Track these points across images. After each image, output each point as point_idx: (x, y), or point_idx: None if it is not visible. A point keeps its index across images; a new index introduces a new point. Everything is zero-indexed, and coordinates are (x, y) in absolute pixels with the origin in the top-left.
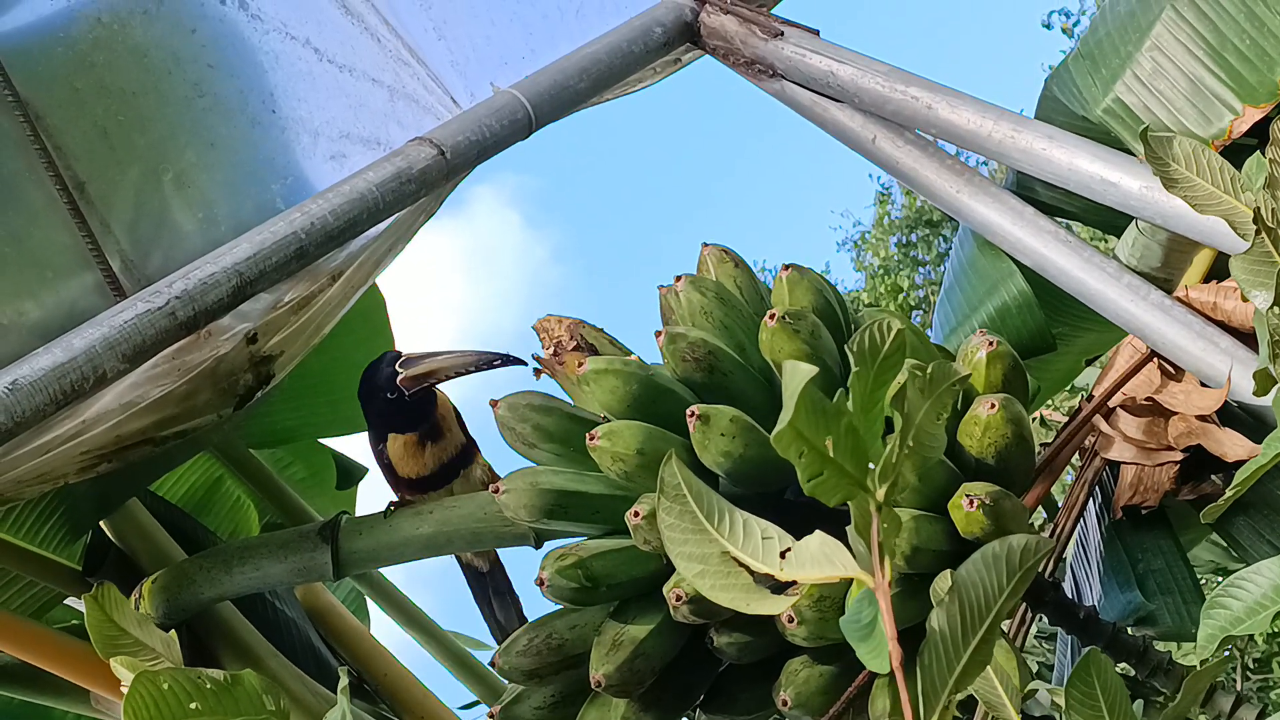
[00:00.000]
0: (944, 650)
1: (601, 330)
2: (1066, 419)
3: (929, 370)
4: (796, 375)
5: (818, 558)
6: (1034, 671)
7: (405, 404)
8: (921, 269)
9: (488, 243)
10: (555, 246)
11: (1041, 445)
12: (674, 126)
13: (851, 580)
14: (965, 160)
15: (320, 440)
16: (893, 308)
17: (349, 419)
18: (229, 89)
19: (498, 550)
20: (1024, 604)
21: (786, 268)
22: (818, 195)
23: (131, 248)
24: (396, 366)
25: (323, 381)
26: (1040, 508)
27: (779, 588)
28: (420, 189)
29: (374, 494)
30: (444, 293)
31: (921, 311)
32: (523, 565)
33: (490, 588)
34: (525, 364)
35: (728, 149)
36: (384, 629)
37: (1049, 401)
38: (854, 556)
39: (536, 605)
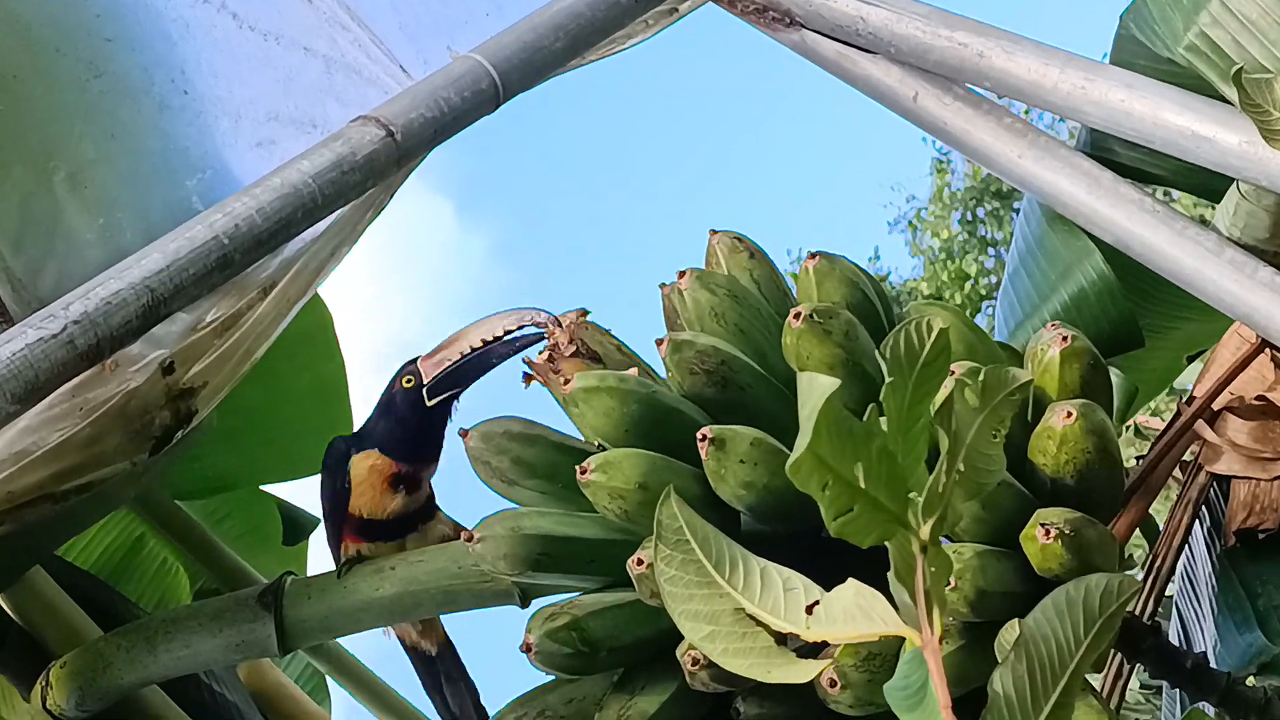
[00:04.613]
0: (1010, 719)
1: (608, 332)
2: (1164, 427)
3: (981, 376)
4: (815, 390)
5: (852, 612)
6: None
7: (422, 409)
8: (991, 250)
9: (411, 238)
10: (497, 242)
11: (1135, 459)
12: (665, 88)
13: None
14: (1028, 118)
15: (261, 488)
16: (958, 299)
17: (295, 460)
18: (130, 66)
19: (445, 628)
20: (1118, 653)
21: (813, 256)
22: (860, 166)
23: (18, 264)
24: (419, 364)
25: (259, 416)
26: (1139, 532)
27: (811, 649)
28: (366, 179)
29: (328, 549)
30: (355, 302)
31: (994, 303)
32: (506, 628)
33: (441, 673)
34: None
35: (739, 113)
36: (347, 712)
37: (1145, 406)
38: (898, 608)
39: (525, 677)
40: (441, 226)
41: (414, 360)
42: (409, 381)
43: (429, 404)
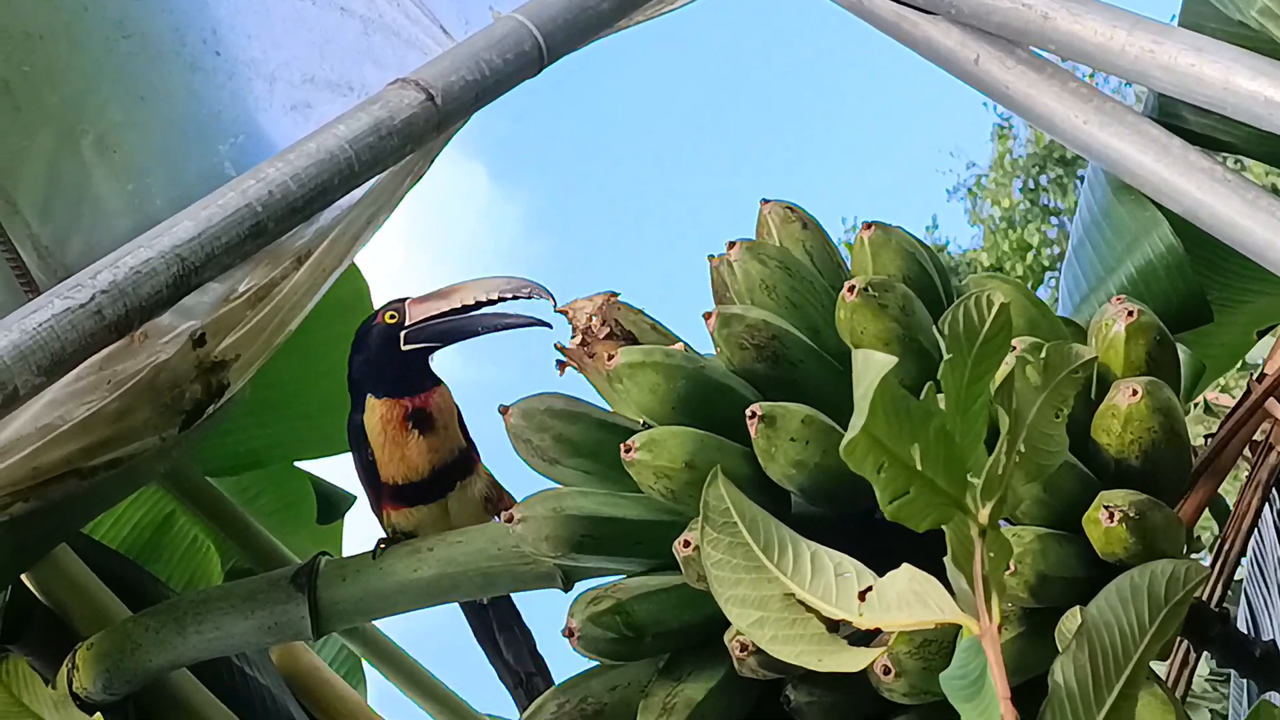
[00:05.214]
0: (1070, 711)
1: (642, 311)
2: (1233, 405)
3: (1043, 354)
4: (870, 367)
5: (906, 598)
6: None
7: (395, 349)
8: (1055, 220)
9: (442, 205)
10: (532, 210)
11: (1203, 438)
12: (713, 51)
13: None
14: (1094, 82)
15: (295, 464)
16: (1019, 271)
17: (330, 435)
18: (161, 27)
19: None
20: (1184, 641)
21: (868, 226)
22: (918, 132)
23: (45, 231)
24: (406, 305)
25: (294, 390)
26: (1207, 514)
27: (863, 636)
28: (404, 144)
29: (364, 528)
30: (384, 271)
31: (1057, 274)
32: (548, 612)
33: (494, 621)
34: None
35: (790, 77)
36: (384, 696)
37: (1214, 383)
38: (954, 594)
39: (567, 662)
40: (475, 193)
41: (403, 299)
42: (392, 318)
43: (403, 347)
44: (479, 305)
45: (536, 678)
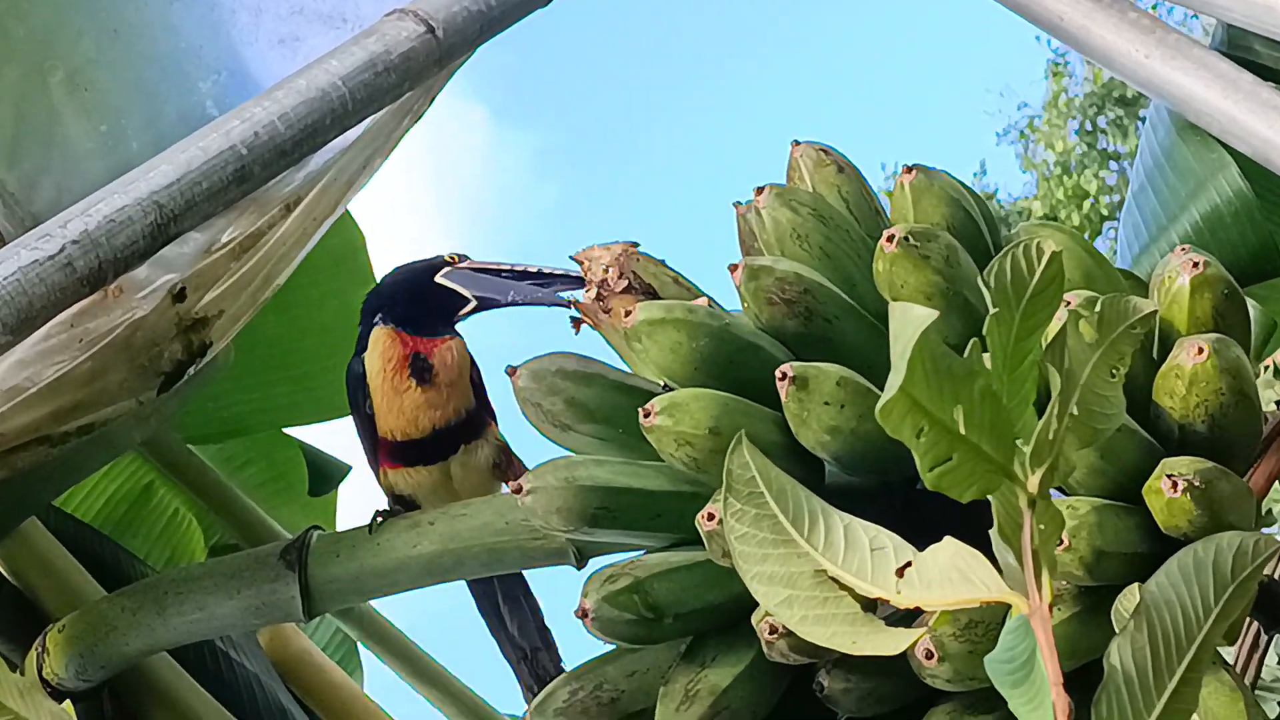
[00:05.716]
0: (1128, 697)
1: (663, 263)
2: None
3: (1099, 307)
4: (909, 322)
5: (949, 574)
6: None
7: (429, 279)
8: (1114, 165)
9: (440, 148)
10: (540, 153)
11: (1275, 403)
12: None
13: None
14: (1157, 13)
15: (284, 430)
16: (1075, 220)
17: (322, 399)
18: None
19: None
20: (1254, 622)
21: (909, 170)
22: (965, 69)
23: (11, 177)
24: (470, 259)
25: (282, 350)
26: (1279, 486)
27: (903, 616)
28: (402, 81)
29: (360, 500)
30: (378, 220)
31: (1117, 223)
32: (560, 591)
33: (499, 592)
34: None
35: (825, 6)
36: (381, 684)
37: None
38: (1001, 570)
39: (582, 646)
40: (475, 135)
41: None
42: (451, 260)
43: (437, 279)
44: (531, 274)
45: (542, 653)
